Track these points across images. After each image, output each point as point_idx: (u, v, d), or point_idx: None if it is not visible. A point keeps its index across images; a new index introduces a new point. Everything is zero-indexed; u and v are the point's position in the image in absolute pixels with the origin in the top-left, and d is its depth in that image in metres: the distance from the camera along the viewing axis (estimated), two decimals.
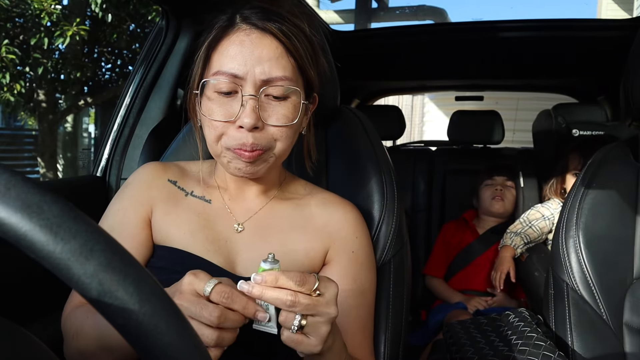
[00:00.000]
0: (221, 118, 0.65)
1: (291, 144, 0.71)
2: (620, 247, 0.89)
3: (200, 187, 0.77)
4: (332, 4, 7.07)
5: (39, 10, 4.15)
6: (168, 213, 0.73)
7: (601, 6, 6.28)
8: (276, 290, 0.52)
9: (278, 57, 0.65)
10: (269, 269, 0.54)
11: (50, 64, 4.57)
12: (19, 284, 0.92)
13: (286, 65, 0.66)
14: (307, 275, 0.53)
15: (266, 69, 0.64)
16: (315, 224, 0.75)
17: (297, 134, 0.72)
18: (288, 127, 0.67)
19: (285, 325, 0.53)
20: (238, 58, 0.65)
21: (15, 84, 4.39)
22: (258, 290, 0.52)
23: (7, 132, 7.87)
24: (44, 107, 5.06)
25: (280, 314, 0.53)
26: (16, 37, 4.58)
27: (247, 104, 0.64)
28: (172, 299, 0.43)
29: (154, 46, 1.27)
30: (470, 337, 0.97)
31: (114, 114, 1.28)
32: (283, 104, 0.66)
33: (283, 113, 0.66)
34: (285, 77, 0.65)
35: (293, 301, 0.51)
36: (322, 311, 0.53)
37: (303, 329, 0.53)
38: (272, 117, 0.66)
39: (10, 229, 0.28)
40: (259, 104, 0.65)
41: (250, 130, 0.64)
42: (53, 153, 5.35)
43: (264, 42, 0.65)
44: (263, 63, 0.64)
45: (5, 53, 4.14)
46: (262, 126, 0.65)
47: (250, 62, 0.64)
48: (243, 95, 0.64)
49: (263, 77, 0.64)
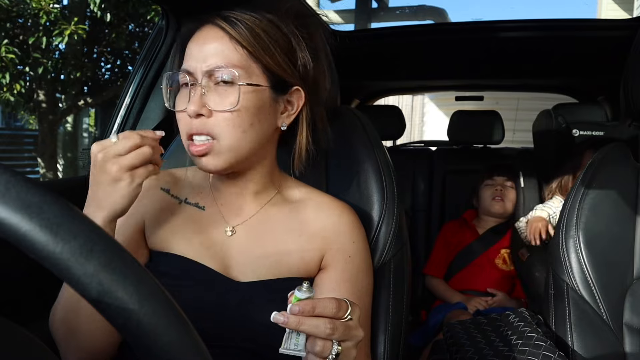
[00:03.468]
0: (179, 108, 0.69)
1: (247, 136, 0.68)
2: (620, 247, 0.89)
3: (194, 194, 0.77)
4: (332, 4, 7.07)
5: (37, 10, 4.15)
6: (162, 221, 0.74)
7: (601, 6, 6.28)
8: (314, 319, 0.50)
9: (222, 47, 0.67)
10: (305, 298, 0.52)
11: (50, 63, 4.56)
12: (19, 284, 0.92)
13: (230, 54, 0.67)
14: (341, 300, 0.53)
15: (210, 60, 0.67)
16: (311, 228, 0.75)
17: (256, 127, 0.69)
18: (234, 112, 0.66)
19: (322, 355, 0.51)
20: (192, 55, 0.69)
21: (15, 83, 4.39)
22: (294, 321, 0.50)
23: (7, 132, 7.88)
24: (44, 107, 5.06)
25: (316, 344, 0.51)
26: (16, 37, 4.58)
27: (195, 93, 0.67)
28: (94, 175, 0.59)
29: (154, 46, 1.27)
30: (470, 337, 0.97)
31: (114, 114, 1.28)
32: (228, 90, 0.67)
33: (228, 99, 0.67)
34: (227, 64, 0.67)
35: (332, 328, 0.50)
36: (354, 335, 0.53)
37: (337, 358, 0.52)
38: (218, 104, 0.67)
39: (10, 229, 0.28)
40: (207, 91, 0.67)
41: (194, 117, 0.66)
42: (53, 153, 5.35)
43: (209, 35, 0.69)
44: (207, 55, 0.67)
45: (5, 53, 4.14)
46: (209, 113, 0.67)
47: (199, 57, 0.68)
48: (191, 84, 0.67)
49: (206, 68, 0.67)
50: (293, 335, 0.53)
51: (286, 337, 0.53)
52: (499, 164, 2.05)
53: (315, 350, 0.51)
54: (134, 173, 0.59)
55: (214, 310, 0.67)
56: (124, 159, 0.59)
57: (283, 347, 0.53)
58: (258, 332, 0.66)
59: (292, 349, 0.53)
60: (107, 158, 0.59)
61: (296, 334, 0.53)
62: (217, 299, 0.67)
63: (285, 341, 0.53)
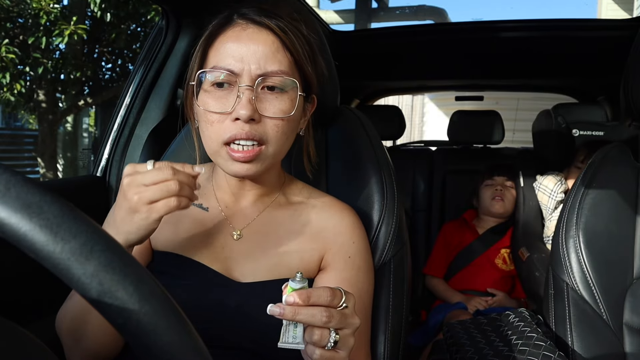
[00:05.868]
0: (217, 110, 0.65)
1: (287, 143, 0.70)
2: (620, 247, 0.89)
3: (198, 194, 0.77)
4: (332, 4, 7.07)
5: (37, 10, 4.15)
6: (165, 221, 0.73)
7: (601, 6, 6.28)
8: (310, 309, 0.50)
9: (274, 52, 0.65)
10: (299, 288, 0.52)
11: (50, 63, 4.57)
12: (19, 284, 0.92)
13: (282, 59, 0.66)
14: (335, 289, 0.53)
15: (262, 63, 0.64)
16: (312, 229, 0.75)
17: (294, 133, 0.72)
18: (285, 120, 0.66)
19: (321, 344, 0.51)
20: (234, 54, 0.65)
21: (15, 83, 4.39)
22: (290, 311, 0.50)
23: (7, 132, 7.87)
24: (44, 107, 5.06)
25: (313, 333, 0.51)
26: (16, 37, 4.58)
27: (243, 96, 0.64)
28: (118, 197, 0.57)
29: (154, 46, 1.27)
30: (470, 337, 0.97)
31: (114, 114, 1.28)
32: (280, 97, 0.66)
33: (280, 107, 0.66)
34: (281, 71, 0.65)
35: (329, 316, 0.50)
36: (350, 322, 0.53)
37: (336, 345, 0.52)
38: (269, 110, 0.65)
39: (10, 229, 0.28)
40: (256, 95, 0.64)
41: (246, 121, 0.63)
42: (53, 153, 5.35)
43: (260, 36, 0.65)
44: (259, 58, 0.64)
45: (5, 53, 4.14)
46: (259, 119, 0.65)
47: (247, 58, 0.64)
48: (239, 86, 0.64)
49: (259, 72, 0.64)
50: (290, 328, 0.53)
51: (283, 330, 0.53)
52: (499, 164, 2.05)
53: (314, 340, 0.51)
54: (152, 207, 0.56)
55: (213, 311, 0.67)
56: (146, 190, 0.55)
57: (281, 342, 0.53)
58: (258, 332, 0.66)
59: (290, 342, 0.53)
60: (131, 185, 0.56)
61: (293, 326, 0.53)
62: (217, 300, 0.68)
63: (283, 335, 0.53)
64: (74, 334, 0.64)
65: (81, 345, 0.64)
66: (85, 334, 0.63)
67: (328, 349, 0.51)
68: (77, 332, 0.63)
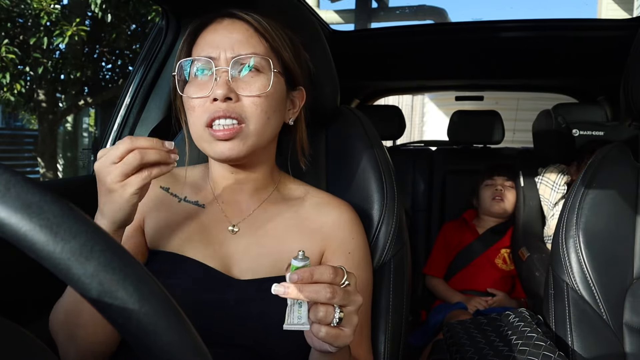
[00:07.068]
0: (198, 95, 0.68)
1: (269, 123, 0.71)
2: (620, 247, 0.89)
3: (193, 192, 0.77)
4: (332, 4, 7.07)
5: (38, 10, 4.15)
6: (162, 219, 0.74)
7: (601, 6, 6.28)
8: (314, 285, 0.51)
9: (248, 38, 0.70)
10: (302, 266, 0.52)
11: (50, 63, 4.57)
12: (19, 284, 0.92)
13: (257, 45, 0.70)
14: (336, 267, 0.53)
15: (236, 48, 0.68)
16: (311, 226, 0.75)
17: (277, 114, 0.72)
18: (262, 97, 0.68)
19: (326, 321, 0.51)
20: (211, 43, 0.69)
21: (15, 83, 4.39)
22: (294, 289, 0.51)
23: (7, 132, 7.87)
24: (44, 107, 5.06)
25: (318, 310, 0.51)
26: (16, 37, 4.58)
27: (220, 78, 0.67)
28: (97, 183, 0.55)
29: (154, 46, 1.27)
30: (470, 337, 0.97)
31: (114, 114, 1.28)
32: (256, 76, 0.69)
33: (256, 85, 0.68)
34: (255, 53, 0.69)
35: (332, 292, 0.51)
36: (354, 300, 0.53)
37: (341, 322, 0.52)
38: (246, 89, 0.68)
39: (10, 229, 0.28)
40: (232, 77, 0.68)
41: (223, 101, 0.66)
42: (53, 153, 5.35)
43: (234, 26, 0.70)
44: (233, 43, 0.69)
45: (5, 53, 4.14)
46: (236, 98, 0.67)
47: (222, 45, 0.69)
48: (215, 69, 0.68)
49: (233, 55, 0.68)
50: (295, 308, 0.53)
51: (288, 311, 0.53)
52: (499, 164, 2.05)
53: (319, 317, 0.51)
54: (125, 183, 0.57)
55: (213, 309, 0.67)
56: (115, 167, 0.56)
57: (287, 323, 0.53)
58: (258, 330, 0.66)
59: (295, 322, 0.53)
60: (102, 167, 0.57)
61: (298, 305, 0.53)
62: (216, 298, 0.68)
63: (288, 316, 0.53)
64: (67, 330, 0.64)
65: (75, 342, 0.63)
66: (79, 326, 0.62)
67: (333, 325, 0.52)
68: (70, 326, 0.63)
